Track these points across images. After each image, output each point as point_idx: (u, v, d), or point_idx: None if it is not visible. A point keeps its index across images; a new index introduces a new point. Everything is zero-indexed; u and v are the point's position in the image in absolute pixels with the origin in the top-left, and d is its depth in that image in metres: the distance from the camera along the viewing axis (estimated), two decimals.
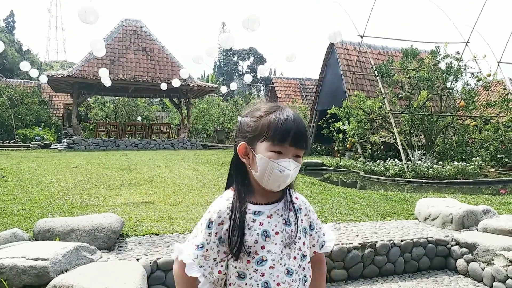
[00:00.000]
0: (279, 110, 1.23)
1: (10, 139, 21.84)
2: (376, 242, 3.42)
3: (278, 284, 1.19)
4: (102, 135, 20.68)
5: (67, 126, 26.38)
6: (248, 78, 19.33)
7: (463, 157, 10.97)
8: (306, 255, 1.28)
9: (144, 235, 3.51)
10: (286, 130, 1.19)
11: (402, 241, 3.50)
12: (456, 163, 9.76)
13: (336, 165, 11.94)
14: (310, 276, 1.30)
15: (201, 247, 1.21)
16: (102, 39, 12.66)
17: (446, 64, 11.35)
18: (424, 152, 10.69)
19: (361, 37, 13.35)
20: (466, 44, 13.41)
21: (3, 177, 7.21)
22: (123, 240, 3.38)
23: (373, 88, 15.24)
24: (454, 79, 11.37)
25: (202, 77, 40.80)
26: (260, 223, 1.21)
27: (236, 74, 58.53)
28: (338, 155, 13.73)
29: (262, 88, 45.74)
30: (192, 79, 19.85)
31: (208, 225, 1.22)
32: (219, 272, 1.22)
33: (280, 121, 1.19)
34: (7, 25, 52.41)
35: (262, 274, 1.19)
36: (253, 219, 1.22)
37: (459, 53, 11.91)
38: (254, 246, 1.19)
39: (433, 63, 11.52)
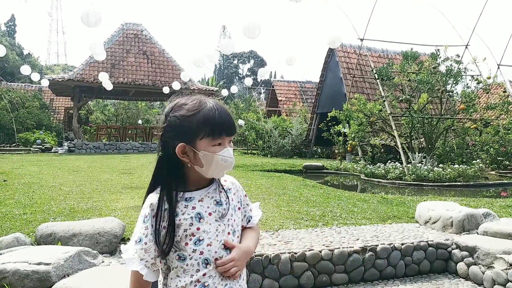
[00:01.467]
0: (205, 105, 1.30)
1: (11, 143, 21.89)
2: (377, 245, 3.43)
3: (216, 259, 1.29)
4: (103, 138, 20.71)
5: (68, 129, 26.38)
6: (248, 82, 19.34)
7: (464, 160, 10.97)
8: (237, 230, 1.38)
9: None
10: (221, 123, 1.28)
11: (402, 244, 3.51)
12: (456, 165, 9.77)
13: (336, 168, 11.95)
14: None
15: (139, 241, 1.27)
16: (101, 43, 12.69)
17: (446, 67, 11.36)
18: (424, 154, 10.70)
19: (361, 40, 13.38)
20: (466, 47, 13.43)
21: (5, 181, 7.23)
22: (124, 244, 3.39)
23: (373, 91, 15.26)
24: (454, 82, 11.39)
25: (202, 80, 40.86)
26: (193, 207, 1.29)
27: (237, 77, 58.62)
28: (339, 158, 13.73)
29: (262, 91, 45.81)
30: (192, 82, 19.90)
31: (144, 219, 1.29)
32: (161, 262, 1.30)
33: (214, 116, 1.28)
34: (8, 29, 52.51)
35: (201, 253, 1.27)
36: (185, 205, 1.29)
37: (459, 56, 11.93)
38: (190, 228, 1.27)
39: (433, 66, 11.55)
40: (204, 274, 1.28)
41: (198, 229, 1.28)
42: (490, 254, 3.24)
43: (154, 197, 1.32)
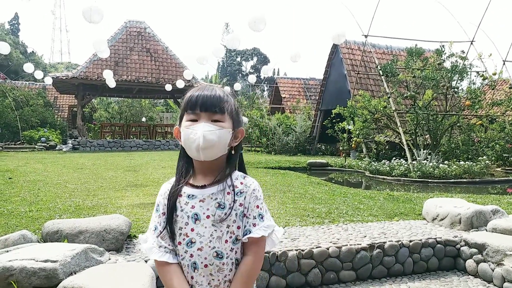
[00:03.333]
0: (196, 87, 1.32)
1: (16, 141, 21.96)
2: (385, 242, 3.40)
3: (205, 266, 1.24)
4: (107, 136, 20.75)
5: (72, 127, 26.45)
6: (252, 79, 19.30)
7: (469, 157, 10.90)
8: (240, 239, 1.28)
9: None
10: (194, 98, 1.27)
11: (410, 241, 3.48)
12: (462, 162, 9.71)
13: (341, 165, 11.91)
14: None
15: (154, 230, 1.29)
16: (105, 40, 12.69)
17: (451, 63, 11.28)
18: (429, 151, 10.64)
19: (366, 36, 13.30)
20: (471, 43, 13.33)
21: (10, 178, 7.24)
22: (130, 241, 3.38)
23: (377, 88, 15.19)
24: (459, 78, 11.31)
25: (206, 78, 40.84)
26: (192, 206, 1.26)
27: (240, 75, 58.57)
28: (343, 155, 13.70)
29: (265, 88, 45.74)
30: (196, 80, 19.87)
31: (156, 208, 1.32)
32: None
33: (191, 93, 1.30)
34: (12, 28, 52.67)
35: (191, 255, 1.25)
36: (186, 202, 1.27)
37: (464, 52, 11.84)
38: (185, 228, 1.25)
39: (438, 62, 11.47)
40: (192, 277, 1.26)
41: (192, 230, 1.25)
42: (500, 251, 3.20)
43: (165, 187, 1.35)
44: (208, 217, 1.25)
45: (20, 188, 6.15)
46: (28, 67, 16.44)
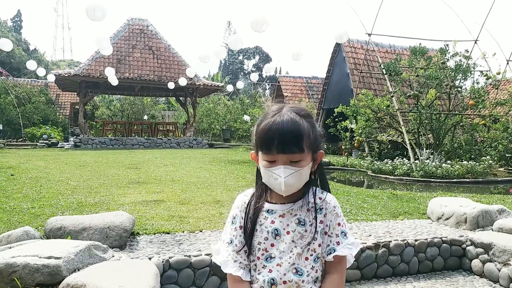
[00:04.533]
0: (270, 116, 1.21)
1: (18, 138, 21.97)
2: (390, 242, 3.37)
3: (284, 282, 1.21)
4: (108, 133, 20.74)
5: (74, 124, 26.47)
6: (254, 77, 19.29)
7: (472, 156, 10.86)
8: (320, 257, 1.25)
9: (154, 234, 3.49)
10: (269, 138, 1.17)
11: (416, 241, 3.45)
12: (465, 162, 9.67)
13: (343, 164, 11.88)
14: (321, 278, 1.28)
15: (230, 243, 1.27)
16: (107, 38, 12.68)
17: (455, 62, 11.23)
18: (432, 151, 10.60)
19: (369, 35, 13.25)
20: (475, 42, 13.27)
21: (12, 175, 7.23)
22: (134, 238, 3.36)
23: (380, 87, 15.14)
24: (463, 78, 11.26)
25: (208, 76, 40.80)
26: (272, 221, 1.23)
27: (242, 73, 58.51)
28: (345, 154, 13.65)
29: (267, 86, 45.68)
30: (198, 78, 19.85)
31: (232, 221, 1.29)
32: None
33: (264, 129, 1.19)
34: (15, 25, 52.70)
35: (270, 271, 1.22)
36: (265, 216, 1.25)
37: (468, 51, 11.79)
38: (264, 243, 1.23)
39: (441, 61, 11.41)
40: None
41: (272, 245, 1.23)
42: (507, 251, 3.17)
43: (241, 199, 1.32)
44: (288, 233, 1.23)
45: (22, 185, 6.13)
46: (31, 64, 16.43)
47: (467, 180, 8.87)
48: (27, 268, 2.33)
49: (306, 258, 1.23)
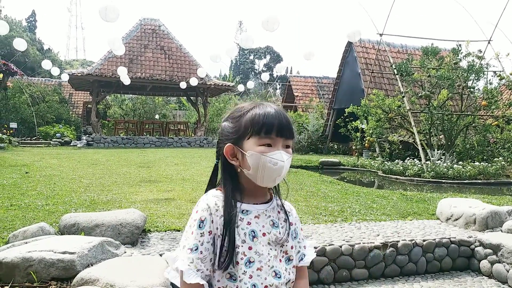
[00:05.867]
0: (259, 106, 1.20)
1: (32, 136, 22.34)
2: (398, 241, 3.39)
3: (265, 287, 1.15)
4: (120, 132, 20.96)
5: (87, 123, 26.80)
6: (265, 77, 19.31)
7: (484, 157, 10.75)
8: (292, 259, 1.23)
9: (165, 231, 3.56)
10: (270, 121, 1.15)
11: (424, 241, 3.46)
12: (477, 163, 9.58)
13: (353, 165, 11.86)
14: (293, 281, 1.25)
15: (195, 250, 1.13)
16: (120, 38, 12.84)
17: (467, 62, 11.13)
18: (443, 152, 10.53)
19: (380, 35, 13.20)
20: (489, 42, 13.13)
21: (27, 173, 7.38)
22: (145, 235, 3.43)
23: (391, 87, 15.07)
24: (475, 78, 11.14)
25: (219, 76, 40.96)
26: (248, 222, 1.17)
27: (253, 73, 58.58)
28: (356, 154, 13.62)
29: (278, 86, 45.67)
30: (209, 78, 19.95)
31: (199, 225, 1.14)
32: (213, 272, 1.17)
33: (262, 114, 1.16)
34: (29, 25, 53.47)
35: (250, 276, 1.14)
36: (241, 217, 1.17)
37: (481, 51, 11.67)
38: (242, 246, 1.14)
39: (454, 61, 11.32)
40: None
41: (250, 248, 1.15)
42: None
43: (211, 200, 1.18)
44: (264, 234, 1.17)
45: (37, 182, 6.27)
46: (46, 64, 16.70)
47: (479, 181, 8.79)
48: (42, 262, 2.41)
49: (280, 260, 1.20)
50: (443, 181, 8.77)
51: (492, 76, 11.62)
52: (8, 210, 4.22)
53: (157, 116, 25.22)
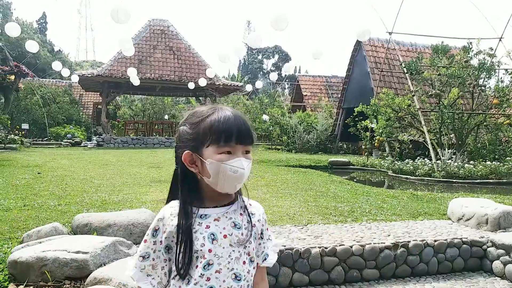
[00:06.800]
0: (217, 111, 1.18)
1: (43, 137, 22.60)
2: (409, 242, 3.37)
3: None
4: (130, 133, 21.11)
5: (97, 124, 27.00)
6: (273, 76, 19.32)
7: (496, 157, 10.64)
8: (254, 260, 1.23)
9: None
10: (229, 129, 1.14)
11: (435, 241, 3.44)
12: (488, 162, 9.48)
13: (363, 164, 11.81)
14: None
15: (147, 257, 1.17)
16: (130, 39, 12.93)
17: (478, 60, 11.02)
18: (454, 151, 10.44)
19: (390, 33, 13.12)
20: (500, 40, 12.96)
21: (39, 173, 7.48)
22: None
23: (401, 86, 14.97)
24: (487, 76, 11.04)
25: (228, 76, 41.03)
26: (207, 226, 1.16)
27: (261, 73, 58.60)
28: (365, 154, 13.56)
29: (286, 86, 45.63)
30: (218, 78, 20.00)
31: (153, 233, 1.17)
32: (168, 281, 1.19)
33: (221, 121, 1.15)
34: (40, 27, 54.07)
35: (208, 279, 1.13)
36: (199, 222, 1.16)
37: (492, 49, 11.55)
38: (201, 250, 1.14)
39: (464, 59, 11.22)
40: None
41: (209, 251, 1.14)
42: None
43: (167, 210, 1.20)
44: (225, 236, 1.16)
45: (49, 183, 6.35)
46: (57, 65, 16.87)
47: (491, 181, 8.70)
48: (56, 262, 2.45)
49: (244, 262, 1.18)
50: (454, 180, 8.70)
51: (503, 74, 11.52)
52: (21, 210, 4.29)
53: (166, 117, 25.35)
